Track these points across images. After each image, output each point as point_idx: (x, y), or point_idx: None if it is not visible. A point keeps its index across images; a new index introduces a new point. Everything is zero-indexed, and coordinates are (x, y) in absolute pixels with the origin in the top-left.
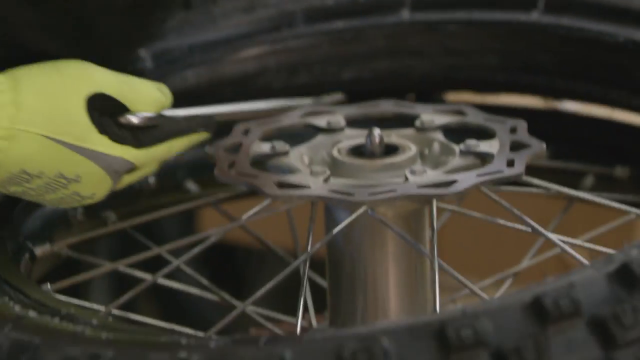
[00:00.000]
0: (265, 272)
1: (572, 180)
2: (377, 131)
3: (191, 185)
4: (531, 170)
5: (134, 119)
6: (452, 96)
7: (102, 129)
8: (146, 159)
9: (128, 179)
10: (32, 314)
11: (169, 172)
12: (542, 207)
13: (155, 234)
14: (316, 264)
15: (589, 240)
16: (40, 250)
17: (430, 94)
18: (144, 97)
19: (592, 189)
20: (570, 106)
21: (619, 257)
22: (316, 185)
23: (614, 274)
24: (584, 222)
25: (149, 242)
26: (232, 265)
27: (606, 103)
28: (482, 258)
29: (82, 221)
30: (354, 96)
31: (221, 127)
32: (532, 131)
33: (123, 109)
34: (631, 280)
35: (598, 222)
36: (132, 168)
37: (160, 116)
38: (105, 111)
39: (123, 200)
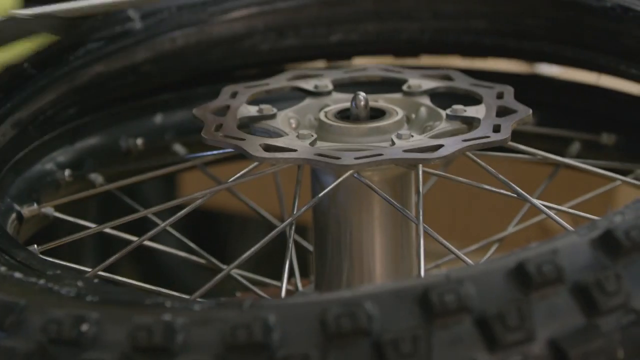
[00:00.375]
0: (248, 238)
1: (559, 146)
2: (362, 95)
3: (179, 148)
4: (517, 136)
5: None
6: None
7: None
8: None
9: None
10: (17, 275)
11: (156, 134)
12: (528, 173)
13: (138, 195)
14: (303, 228)
15: (574, 207)
16: (27, 211)
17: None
18: None
19: (578, 156)
20: (557, 71)
21: (602, 223)
22: (302, 149)
23: (597, 240)
24: (570, 188)
25: (135, 204)
26: (214, 231)
27: (594, 68)
28: (468, 223)
29: (70, 182)
30: (342, 58)
31: (69, 27)
32: (518, 97)
33: None
34: (614, 247)
35: (584, 188)
36: None
37: (4, 19)
38: None
39: (110, 162)
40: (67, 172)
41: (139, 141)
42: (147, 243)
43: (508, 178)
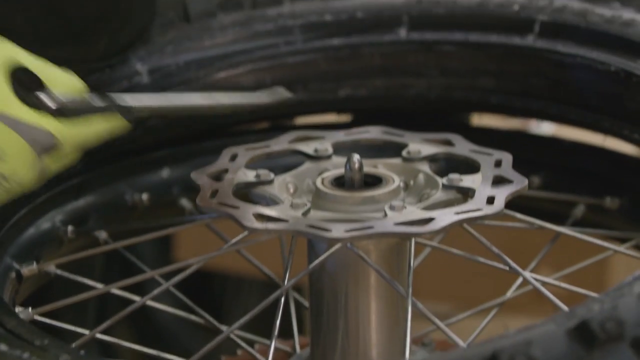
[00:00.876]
0: (243, 297)
1: (563, 209)
2: (356, 157)
3: (185, 203)
4: (521, 197)
5: (53, 97)
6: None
7: (24, 99)
8: (69, 135)
9: (53, 165)
10: (2, 347)
11: (162, 189)
12: (527, 235)
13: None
14: (302, 286)
15: (570, 274)
16: (27, 270)
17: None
18: (64, 80)
19: (582, 219)
20: (563, 132)
21: (580, 312)
22: (295, 219)
23: (573, 331)
24: (568, 252)
25: (140, 264)
26: (209, 289)
27: (598, 130)
28: (462, 289)
29: (73, 239)
30: (349, 113)
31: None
32: (522, 157)
33: (42, 87)
34: (590, 339)
35: (583, 253)
36: (55, 145)
37: (78, 99)
38: (26, 85)
39: (115, 218)
40: (70, 229)
41: (145, 196)
42: (148, 303)
43: (507, 239)
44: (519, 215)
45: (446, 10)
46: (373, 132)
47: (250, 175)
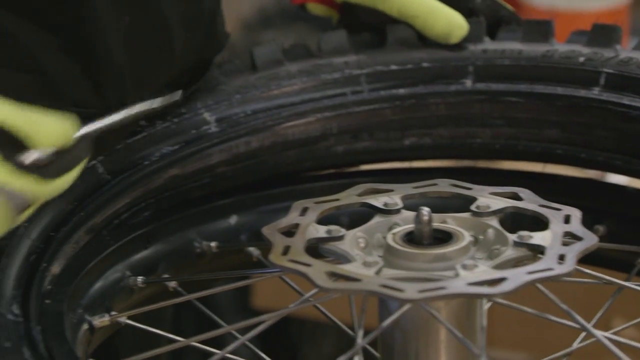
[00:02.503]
0: (317, 343)
1: (629, 257)
2: (425, 210)
3: (253, 250)
4: None
5: (32, 155)
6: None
7: (4, 161)
8: (47, 190)
9: (22, 216)
10: None
11: (231, 236)
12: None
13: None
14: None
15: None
16: (98, 322)
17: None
18: (47, 132)
19: None
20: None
21: None
22: (368, 278)
23: None
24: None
25: (214, 316)
26: (284, 335)
27: None
28: (532, 337)
29: (143, 288)
30: (415, 160)
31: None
32: (589, 207)
33: (22, 142)
34: None
35: None
36: (31, 203)
37: (51, 154)
38: (5, 144)
39: (184, 265)
40: (140, 279)
41: (213, 244)
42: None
43: (577, 289)
44: (587, 271)
45: (511, 61)
46: (441, 185)
47: (321, 231)
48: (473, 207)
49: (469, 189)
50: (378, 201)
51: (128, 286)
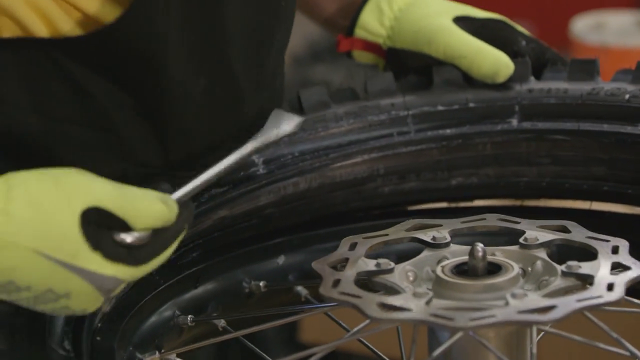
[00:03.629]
0: None
1: None
2: (480, 246)
3: (301, 290)
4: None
5: (127, 238)
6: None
7: (96, 245)
8: (140, 275)
9: (118, 290)
10: None
11: (279, 277)
12: None
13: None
14: None
15: None
16: (148, 359)
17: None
18: (144, 211)
19: None
20: None
21: None
22: (418, 308)
23: None
24: None
25: (261, 353)
26: None
27: None
28: None
29: (192, 327)
30: (462, 200)
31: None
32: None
33: (121, 223)
34: None
35: None
36: (123, 284)
37: (152, 235)
38: (101, 225)
39: (232, 305)
40: (189, 317)
41: (262, 283)
42: None
43: (629, 320)
44: (637, 301)
45: (557, 99)
46: (490, 219)
47: (370, 264)
48: (521, 240)
49: (517, 222)
50: (426, 235)
51: (178, 325)
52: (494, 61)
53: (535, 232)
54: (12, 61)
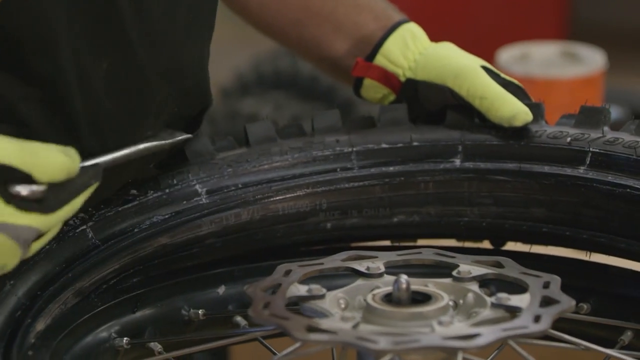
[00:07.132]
0: None
1: (612, 334)
2: (404, 278)
3: (240, 320)
4: (570, 323)
5: (23, 191)
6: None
7: (8, 199)
8: (53, 223)
9: (36, 246)
10: None
11: (218, 306)
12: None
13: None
14: None
15: None
16: None
17: None
18: (48, 164)
19: (630, 344)
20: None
21: None
22: (344, 331)
23: None
24: None
25: None
26: None
27: None
28: None
29: (128, 350)
30: (404, 239)
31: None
32: (573, 284)
33: (27, 178)
34: None
35: None
36: (40, 233)
37: (49, 187)
38: (9, 180)
39: (170, 331)
40: (125, 340)
41: (201, 311)
42: None
43: None
44: (566, 337)
45: (500, 140)
46: (426, 253)
47: (302, 290)
48: (454, 273)
49: (453, 257)
50: (361, 266)
51: (113, 347)
52: (513, 106)
53: (469, 267)
54: None
